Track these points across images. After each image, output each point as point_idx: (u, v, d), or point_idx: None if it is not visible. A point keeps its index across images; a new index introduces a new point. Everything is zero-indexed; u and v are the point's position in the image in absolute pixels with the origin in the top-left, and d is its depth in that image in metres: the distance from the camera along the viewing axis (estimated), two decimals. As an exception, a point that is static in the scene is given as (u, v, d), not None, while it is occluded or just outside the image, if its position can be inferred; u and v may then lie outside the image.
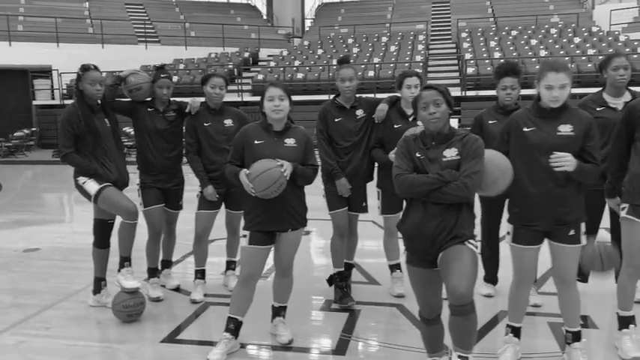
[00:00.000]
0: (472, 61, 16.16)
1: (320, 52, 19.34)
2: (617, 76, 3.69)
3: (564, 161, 2.79)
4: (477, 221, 2.83)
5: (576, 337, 3.05)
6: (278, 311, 3.46)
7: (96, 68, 3.76)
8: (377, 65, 16.66)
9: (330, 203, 3.99)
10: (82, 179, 3.74)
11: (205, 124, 4.02)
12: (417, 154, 2.59)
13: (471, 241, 2.54)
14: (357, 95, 4.03)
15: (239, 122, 4.01)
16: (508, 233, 3.04)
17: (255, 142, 3.15)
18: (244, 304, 3.23)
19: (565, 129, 2.86)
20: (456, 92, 14.82)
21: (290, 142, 3.17)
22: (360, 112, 3.95)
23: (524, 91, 4.54)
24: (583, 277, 4.09)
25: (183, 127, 4.13)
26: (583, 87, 12.64)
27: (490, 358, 3.18)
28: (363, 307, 3.99)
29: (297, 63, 18.12)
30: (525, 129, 2.91)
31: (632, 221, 3.09)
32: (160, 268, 4.36)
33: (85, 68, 3.73)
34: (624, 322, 3.23)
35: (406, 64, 16.65)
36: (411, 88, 3.87)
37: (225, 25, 22.11)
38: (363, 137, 3.94)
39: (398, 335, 3.58)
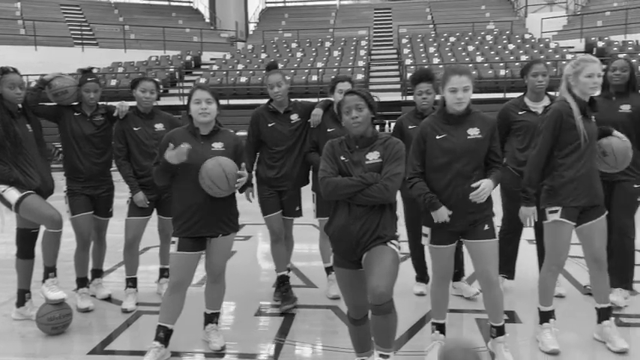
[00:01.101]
0: (412, 67, 16.55)
1: (263, 56, 19.29)
2: (536, 82, 3.89)
3: (483, 193, 2.92)
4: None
5: (500, 331, 3.17)
6: (210, 318, 3.42)
7: (15, 71, 3.61)
8: (320, 70, 16.79)
9: (264, 208, 3.99)
10: (1, 187, 3.58)
11: (135, 129, 3.94)
12: (342, 158, 2.64)
13: (394, 241, 2.61)
14: (293, 100, 4.06)
15: (170, 126, 3.95)
16: (425, 235, 3.12)
17: (181, 146, 3.11)
18: (174, 311, 3.17)
19: (474, 132, 2.98)
20: (396, 97, 15.12)
21: (218, 146, 3.15)
22: (294, 117, 3.98)
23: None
24: (509, 273, 4.27)
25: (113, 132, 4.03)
26: (517, 92, 13.18)
27: (418, 356, 3.26)
28: (299, 311, 4.01)
29: (240, 67, 18.00)
30: (437, 137, 2.99)
31: (562, 223, 3.21)
32: (89, 277, 4.22)
33: (3, 71, 3.58)
34: (545, 317, 3.38)
35: (349, 69, 16.85)
36: (343, 92, 3.92)
37: (166, 27, 21.69)
38: (297, 142, 3.97)
39: (332, 337, 3.61)
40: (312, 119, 3.94)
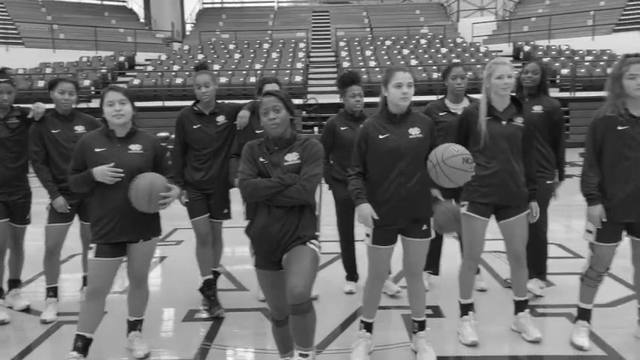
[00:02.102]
0: (350, 69, 16.77)
1: (200, 56, 18.97)
2: (455, 84, 4.04)
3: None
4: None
5: (421, 326, 3.27)
6: (134, 325, 3.34)
7: None
8: (258, 71, 16.71)
9: (191, 211, 3.94)
10: None
11: (53, 131, 3.79)
12: (261, 159, 2.65)
13: (313, 241, 2.64)
14: (220, 101, 4.03)
15: (91, 129, 3.81)
16: (367, 235, 3.16)
17: (96, 149, 3.03)
18: (93, 320, 3.08)
19: (415, 132, 3.07)
20: (335, 99, 15.24)
21: (136, 148, 3.08)
22: (221, 119, 3.94)
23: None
24: (434, 269, 4.41)
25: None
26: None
27: (345, 353, 3.31)
28: (229, 314, 3.97)
29: (176, 67, 17.63)
30: (380, 136, 3.06)
31: (472, 217, 3.38)
32: (6, 288, 4.02)
33: None
34: (464, 309, 3.52)
35: (287, 71, 16.88)
36: None
37: (98, 27, 20.94)
38: (224, 144, 3.93)
39: (261, 339, 3.61)
40: (239, 121, 3.92)
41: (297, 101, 15.54)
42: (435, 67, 16.26)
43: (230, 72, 16.82)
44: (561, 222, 6.41)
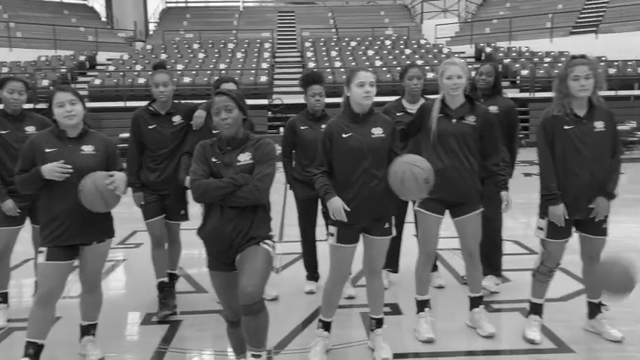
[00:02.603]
0: (315, 70, 16.79)
1: (164, 56, 18.69)
2: (412, 85, 4.10)
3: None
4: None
5: (379, 323, 3.31)
6: (87, 330, 3.26)
7: None
8: (223, 71, 16.57)
9: (145, 212, 3.88)
10: None
11: (2, 132, 3.68)
12: (213, 159, 2.63)
13: (267, 241, 2.64)
14: (176, 101, 3.98)
15: (42, 129, 3.72)
16: (331, 234, 3.16)
17: (47, 150, 2.95)
18: (44, 325, 2.99)
19: (377, 132, 3.09)
20: (300, 99, 15.22)
21: (88, 149, 3.02)
22: (177, 119, 3.89)
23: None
24: (394, 267, 4.45)
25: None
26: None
27: (303, 353, 3.31)
28: (187, 317, 3.93)
29: (138, 67, 17.33)
30: (344, 135, 3.07)
31: (423, 213, 3.44)
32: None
33: None
34: (421, 306, 3.57)
35: (252, 71, 16.80)
36: None
37: (57, 26, 20.39)
38: (180, 144, 3.88)
39: (220, 341, 3.56)
40: (195, 121, 3.88)
41: (262, 101, 15.53)
42: (399, 68, 16.41)
43: (194, 72, 16.64)
44: (519, 219, 6.57)
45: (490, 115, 4.04)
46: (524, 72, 16.31)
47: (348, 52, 18.79)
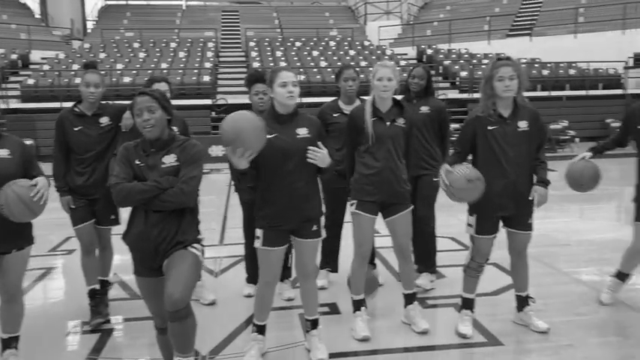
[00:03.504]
0: (260, 70, 16.67)
1: (102, 55, 18.10)
2: (347, 87, 4.13)
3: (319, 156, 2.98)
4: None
5: (314, 324, 3.31)
6: (8, 343, 3.10)
7: None
8: (165, 71, 16.21)
9: (74, 218, 3.73)
10: None
11: None
12: (137, 162, 2.55)
13: (195, 245, 2.58)
14: (104, 102, 3.84)
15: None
16: (257, 237, 3.13)
17: None
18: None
19: (302, 132, 3.08)
20: (244, 99, 15.08)
21: (2, 153, 2.87)
22: (104, 120, 3.75)
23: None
24: (333, 267, 4.48)
25: None
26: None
27: (239, 357, 3.27)
28: (121, 325, 3.81)
29: (75, 67, 16.66)
30: (268, 136, 3.01)
31: (360, 215, 3.46)
32: None
33: None
34: (357, 305, 3.60)
35: (195, 71, 16.51)
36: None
37: (-14, 22, 19.40)
38: (109, 147, 3.75)
39: (154, 349, 3.45)
40: (124, 122, 3.76)
41: (206, 101, 15.29)
42: (343, 69, 16.52)
43: (134, 71, 16.17)
44: (456, 216, 6.73)
45: (422, 117, 4.16)
46: (464, 73, 16.78)
47: (293, 53, 18.79)
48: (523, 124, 3.32)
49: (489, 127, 3.29)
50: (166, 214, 2.51)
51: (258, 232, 3.11)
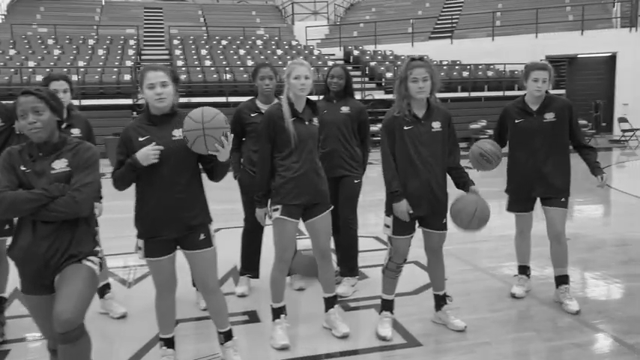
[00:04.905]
0: (184, 68, 16.22)
1: (12, 52, 16.96)
2: (264, 85, 4.01)
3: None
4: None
5: (227, 336, 3.15)
6: None
7: None
8: (82, 69, 15.39)
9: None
10: None
11: None
12: (22, 168, 2.30)
13: (91, 258, 2.36)
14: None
15: None
16: (139, 248, 2.90)
17: None
18: None
19: (179, 134, 2.80)
20: (167, 99, 14.63)
21: None
22: (-3, 122, 3.43)
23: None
24: (254, 272, 4.33)
25: None
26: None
27: (148, 374, 3.07)
28: (18, 345, 3.49)
29: (-19, 64, 15.52)
30: (140, 138, 2.79)
31: (284, 220, 3.31)
32: None
33: None
34: (276, 313, 3.48)
35: (115, 69, 15.79)
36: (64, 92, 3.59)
37: None
38: (0, 150, 3.42)
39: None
40: (18, 125, 3.44)
41: (126, 101, 14.65)
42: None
43: (48, 69, 15.21)
44: (380, 215, 6.78)
45: (342, 118, 4.12)
46: (389, 74, 17.09)
47: (219, 51, 18.41)
48: (437, 125, 3.33)
49: (405, 127, 3.28)
50: (57, 225, 2.28)
51: (140, 242, 2.87)
